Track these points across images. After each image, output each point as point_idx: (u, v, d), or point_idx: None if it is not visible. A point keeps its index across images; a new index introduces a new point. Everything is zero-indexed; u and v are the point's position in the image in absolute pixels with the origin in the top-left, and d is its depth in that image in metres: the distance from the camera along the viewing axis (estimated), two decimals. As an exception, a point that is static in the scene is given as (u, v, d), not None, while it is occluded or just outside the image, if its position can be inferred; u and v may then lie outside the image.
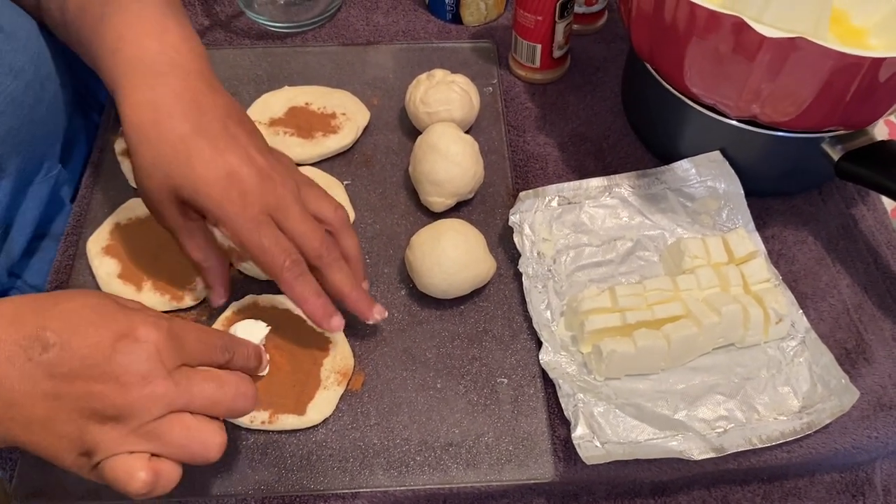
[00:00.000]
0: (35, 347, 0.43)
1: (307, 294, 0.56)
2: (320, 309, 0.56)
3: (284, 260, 0.54)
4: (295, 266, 0.55)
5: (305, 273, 0.56)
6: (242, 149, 0.55)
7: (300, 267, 0.55)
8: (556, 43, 0.77)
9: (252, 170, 0.54)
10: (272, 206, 0.55)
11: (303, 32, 0.85)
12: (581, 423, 0.56)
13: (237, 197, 0.53)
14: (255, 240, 0.54)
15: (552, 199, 0.69)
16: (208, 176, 0.53)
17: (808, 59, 0.55)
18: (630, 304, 0.61)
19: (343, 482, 0.56)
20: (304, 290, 0.56)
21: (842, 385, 0.58)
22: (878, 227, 0.70)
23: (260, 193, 0.54)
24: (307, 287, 0.56)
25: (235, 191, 0.53)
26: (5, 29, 0.63)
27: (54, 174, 0.72)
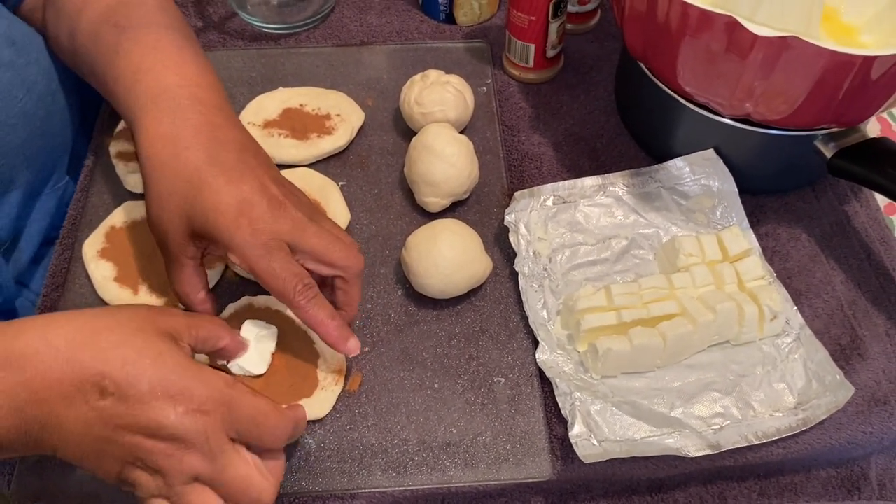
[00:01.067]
0: (93, 393, 0.44)
1: (322, 317, 0.54)
2: (335, 331, 0.55)
3: (296, 284, 0.53)
4: (307, 290, 0.54)
5: (318, 296, 0.55)
6: (256, 178, 0.55)
7: (312, 290, 0.54)
8: (550, 43, 0.77)
9: (264, 197, 0.54)
10: (285, 231, 0.54)
11: (296, 33, 0.85)
12: (578, 421, 0.57)
13: (247, 224, 0.53)
14: (265, 265, 0.53)
15: (547, 199, 0.69)
16: (220, 204, 0.53)
17: (800, 58, 0.55)
18: (625, 302, 0.61)
19: (341, 483, 0.56)
20: (319, 314, 0.54)
21: (836, 381, 0.59)
22: (871, 223, 0.70)
23: (271, 220, 0.53)
24: (321, 310, 0.55)
25: (246, 218, 0.53)
26: (17, 43, 0.63)
27: (62, 185, 0.73)
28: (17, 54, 0.63)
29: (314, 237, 0.54)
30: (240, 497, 0.47)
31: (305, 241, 0.54)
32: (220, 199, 0.53)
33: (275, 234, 0.53)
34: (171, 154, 0.54)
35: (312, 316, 0.54)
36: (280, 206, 0.54)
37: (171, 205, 0.54)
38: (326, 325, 0.55)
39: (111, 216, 0.69)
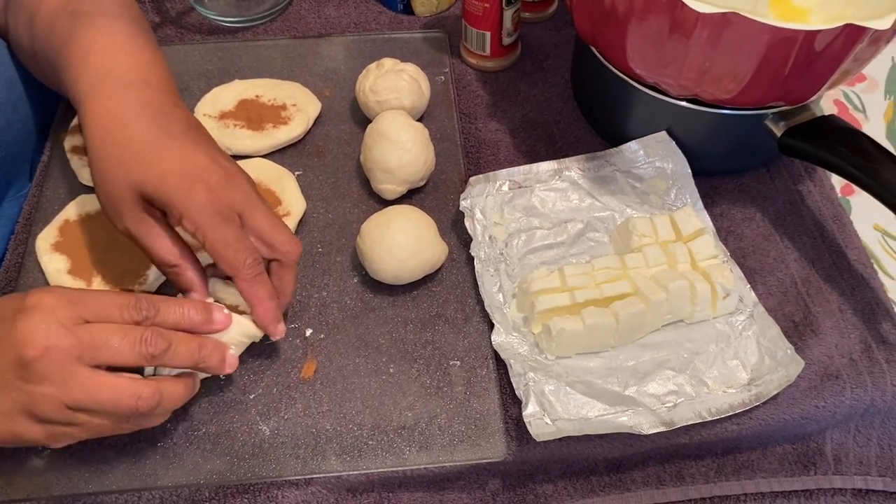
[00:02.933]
0: None
1: (263, 295, 0.55)
2: (272, 312, 0.56)
3: (246, 258, 0.54)
4: (256, 265, 0.54)
5: (263, 274, 0.55)
6: (207, 152, 0.55)
7: (259, 267, 0.55)
8: (505, 30, 0.77)
9: (219, 167, 0.54)
10: (238, 201, 0.54)
11: (254, 26, 0.84)
12: (532, 401, 0.57)
13: (203, 189, 0.53)
14: (219, 234, 0.53)
15: (503, 184, 0.69)
16: (175, 169, 0.53)
17: (743, 35, 0.56)
18: (579, 283, 0.61)
19: (295, 469, 0.56)
20: (261, 292, 0.55)
21: (788, 356, 0.59)
22: (824, 202, 0.71)
23: (226, 188, 0.54)
24: (264, 288, 0.55)
25: (202, 184, 0.53)
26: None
27: (25, 193, 0.73)
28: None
29: (263, 216, 0.55)
30: (130, 351, 0.49)
31: (255, 217, 0.55)
32: (176, 164, 0.53)
33: (229, 204, 0.54)
34: (119, 124, 0.54)
35: (255, 292, 0.55)
36: (233, 177, 0.55)
37: (120, 171, 0.53)
38: (265, 305, 0.55)
39: (65, 210, 0.68)
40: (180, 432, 0.57)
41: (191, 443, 0.57)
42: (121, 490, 0.55)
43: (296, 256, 0.57)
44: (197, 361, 0.52)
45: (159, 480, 0.56)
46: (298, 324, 0.63)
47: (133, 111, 0.55)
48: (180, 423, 0.58)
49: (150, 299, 0.51)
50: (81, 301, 0.49)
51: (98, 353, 0.48)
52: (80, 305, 0.48)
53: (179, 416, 0.58)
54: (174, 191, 0.53)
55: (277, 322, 0.57)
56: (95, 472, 0.56)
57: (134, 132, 0.54)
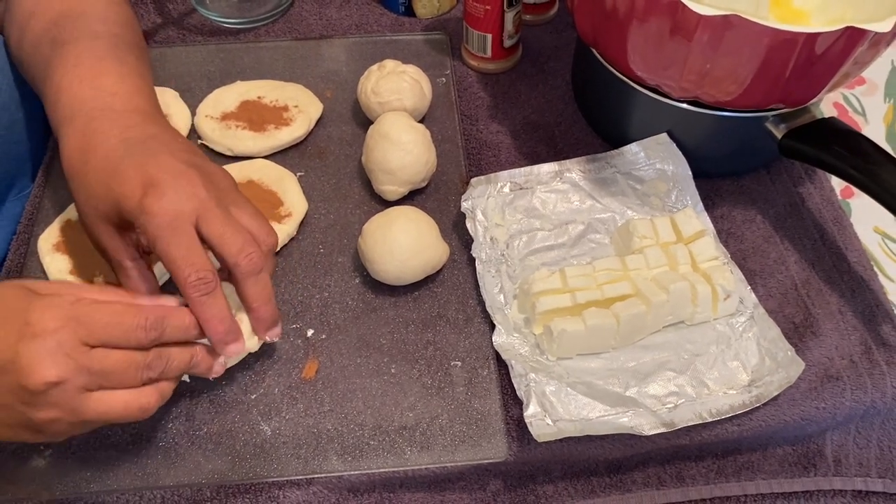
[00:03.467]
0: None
1: (208, 316, 0.52)
2: (220, 333, 0.53)
3: (190, 274, 0.51)
4: (201, 283, 0.51)
5: (214, 292, 0.52)
6: (165, 160, 0.54)
7: (207, 286, 0.51)
8: (507, 32, 0.78)
9: (171, 176, 0.52)
10: (188, 210, 0.52)
11: (256, 28, 0.85)
12: (533, 401, 0.57)
13: (153, 202, 0.51)
14: (164, 247, 0.51)
15: (504, 185, 0.69)
16: (127, 187, 0.52)
17: (744, 37, 0.56)
18: (580, 284, 0.61)
19: (296, 468, 0.56)
20: (207, 312, 0.52)
21: (788, 357, 0.59)
22: (824, 204, 0.71)
23: (176, 198, 0.51)
24: (211, 309, 0.52)
25: (151, 196, 0.51)
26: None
27: (26, 193, 0.73)
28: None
29: (214, 222, 0.52)
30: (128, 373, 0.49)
31: (206, 224, 0.52)
32: (128, 182, 0.52)
33: (178, 214, 0.51)
34: (82, 162, 0.55)
35: (201, 311, 0.52)
36: (188, 184, 0.52)
37: (92, 208, 0.54)
38: (213, 325, 0.52)
39: (67, 210, 0.68)
40: (182, 432, 0.58)
41: (192, 442, 0.57)
42: (122, 490, 0.56)
43: (245, 269, 0.53)
44: (188, 370, 0.53)
45: (161, 480, 0.56)
46: (300, 324, 0.63)
47: (94, 145, 0.55)
48: (182, 423, 0.58)
49: (158, 320, 0.50)
50: (86, 322, 0.47)
51: (103, 381, 0.48)
52: (85, 328, 0.47)
53: (181, 415, 0.58)
54: (130, 210, 0.52)
55: (225, 344, 0.54)
56: (97, 471, 0.56)
57: (96, 165, 0.54)
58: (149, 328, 0.49)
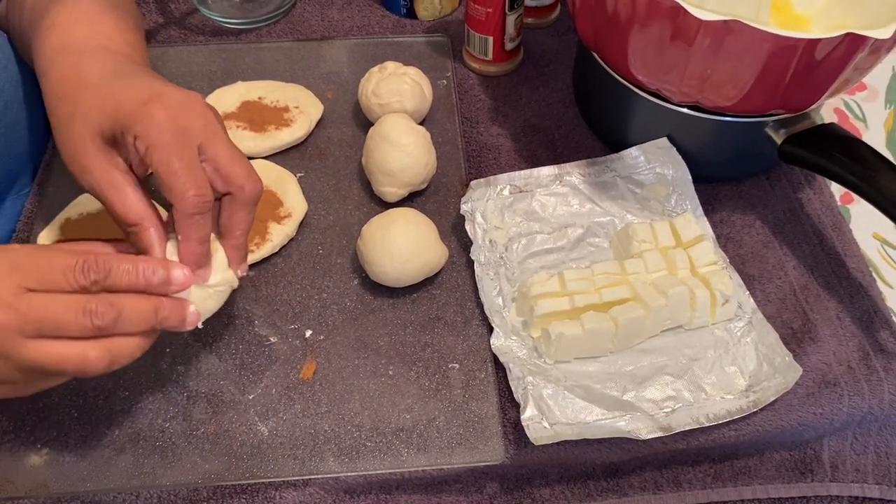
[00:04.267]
0: None
1: (192, 235, 0.50)
2: (193, 254, 0.51)
3: (190, 189, 0.49)
4: (199, 201, 0.50)
5: (206, 215, 0.50)
6: (166, 83, 0.53)
7: (203, 205, 0.50)
8: (508, 35, 0.78)
9: (178, 92, 0.52)
10: (197, 127, 0.51)
11: (257, 28, 0.85)
12: (530, 404, 0.57)
13: (159, 109, 0.50)
14: (164, 158, 0.49)
15: (504, 188, 0.69)
16: (131, 98, 0.50)
17: (744, 42, 0.56)
18: (578, 288, 0.61)
19: (293, 469, 0.56)
20: (195, 232, 0.50)
21: (786, 363, 0.59)
22: (823, 210, 0.71)
23: (184, 112, 0.51)
24: (200, 230, 0.50)
25: (158, 104, 0.50)
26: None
27: (26, 192, 0.73)
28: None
29: (223, 145, 0.51)
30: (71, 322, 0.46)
31: (214, 146, 0.51)
32: (130, 94, 0.51)
33: (186, 129, 0.50)
34: (75, 88, 0.53)
35: (187, 229, 0.50)
36: (194, 102, 0.52)
37: (79, 120, 0.51)
38: (191, 246, 0.50)
39: (67, 209, 0.68)
40: (179, 432, 0.58)
41: (189, 442, 0.57)
42: (119, 489, 0.56)
43: (251, 194, 0.52)
44: (153, 324, 0.49)
45: (158, 479, 0.56)
46: (298, 325, 0.63)
47: (88, 69, 0.53)
48: (179, 423, 0.58)
49: (100, 260, 0.47)
50: (25, 266, 0.46)
51: (40, 326, 0.45)
52: (23, 273, 0.45)
53: (178, 415, 0.58)
54: (129, 114, 0.50)
55: (202, 266, 0.51)
56: (94, 470, 0.56)
57: (88, 83, 0.52)
58: (86, 269, 0.46)
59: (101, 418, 0.58)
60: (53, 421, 0.58)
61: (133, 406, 0.59)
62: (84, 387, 0.60)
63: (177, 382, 0.60)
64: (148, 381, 0.60)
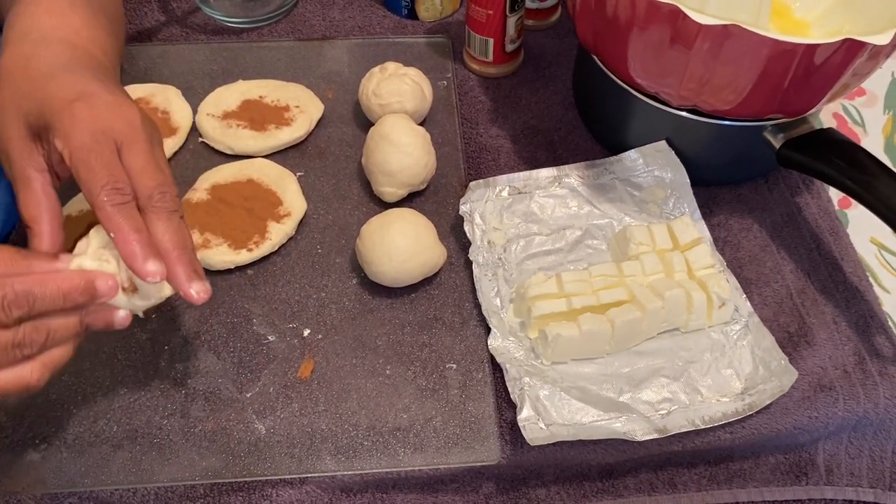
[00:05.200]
0: None
1: (122, 224, 0.47)
2: (132, 244, 0.48)
3: (106, 182, 0.47)
4: (116, 193, 0.48)
5: (129, 206, 0.48)
6: (111, 86, 0.52)
7: (124, 196, 0.48)
8: (509, 37, 0.78)
9: (109, 95, 0.51)
10: (118, 130, 0.49)
11: (259, 28, 0.85)
12: (527, 405, 0.57)
13: (83, 108, 0.49)
14: (84, 155, 0.48)
15: (503, 189, 0.70)
16: (60, 90, 0.50)
17: (743, 47, 0.56)
18: (576, 289, 0.61)
19: (290, 468, 0.56)
20: (121, 221, 0.47)
21: (782, 366, 0.60)
22: (821, 214, 0.71)
23: (108, 115, 0.50)
24: (126, 220, 0.48)
25: (83, 103, 0.49)
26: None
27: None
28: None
29: (140, 154, 0.50)
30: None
31: (131, 152, 0.49)
32: (62, 87, 0.50)
33: (107, 130, 0.49)
34: (22, 66, 0.52)
35: (115, 223, 0.48)
36: (126, 109, 0.51)
37: (13, 106, 0.51)
38: (126, 236, 0.48)
39: (67, 206, 0.68)
40: (177, 429, 0.58)
41: (187, 440, 0.57)
42: (117, 486, 0.56)
43: (163, 203, 0.49)
44: (80, 332, 0.49)
45: (155, 476, 0.56)
46: (296, 324, 0.63)
47: (40, 57, 0.52)
48: (177, 420, 0.58)
49: (22, 295, 0.45)
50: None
51: None
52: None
53: (176, 413, 0.58)
54: (54, 110, 0.49)
55: (146, 259, 0.48)
56: (92, 467, 0.56)
57: (32, 71, 0.52)
58: (8, 307, 0.44)
59: (99, 415, 0.58)
60: (52, 417, 0.58)
61: (131, 403, 0.59)
62: (82, 384, 0.60)
63: (175, 380, 0.60)
64: (146, 378, 0.60)
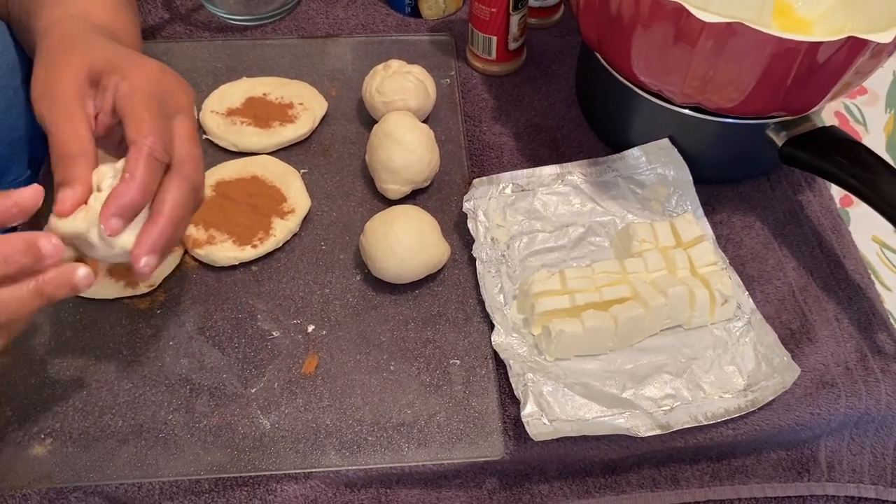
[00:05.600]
0: None
1: (143, 176, 0.49)
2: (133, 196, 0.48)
3: (154, 141, 0.49)
4: (161, 148, 0.50)
5: (161, 167, 0.50)
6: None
7: (164, 156, 0.50)
8: (512, 35, 0.78)
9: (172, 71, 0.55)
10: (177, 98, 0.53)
11: (262, 25, 0.85)
12: (530, 401, 0.57)
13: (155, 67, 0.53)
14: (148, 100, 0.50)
15: (506, 187, 0.70)
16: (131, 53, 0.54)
17: (747, 44, 0.56)
18: (579, 286, 0.62)
19: (295, 462, 0.57)
20: (144, 172, 0.49)
21: (784, 363, 0.60)
22: (823, 212, 0.71)
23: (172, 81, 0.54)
24: (147, 174, 0.49)
25: (155, 64, 0.53)
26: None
27: (23, 180, 0.73)
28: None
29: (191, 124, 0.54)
30: None
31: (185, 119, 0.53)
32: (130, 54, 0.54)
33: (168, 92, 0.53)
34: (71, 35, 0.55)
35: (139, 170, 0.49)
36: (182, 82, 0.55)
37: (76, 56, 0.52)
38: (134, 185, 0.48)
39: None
40: (182, 424, 0.58)
41: (192, 435, 0.58)
42: (122, 481, 0.56)
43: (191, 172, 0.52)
44: (40, 303, 0.47)
45: (160, 471, 0.56)
46: (301, 319, 0.63)
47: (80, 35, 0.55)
48: (182, 415, 0.58)
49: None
50: None
51: None
52: None
53: (181, 408, 0.59)
54: (125, 58, 0.52)
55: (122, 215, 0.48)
56: (97, 461, 0.56)
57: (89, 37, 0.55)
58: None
59: (104, 410, 0.59)
60: (57, 412, 0.58)
61: (136, 398, 0.59)
62: (87, 379, 0.60)
63: (180, 375, 0.60)
64: (151, 373, 0.60)
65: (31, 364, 0.61)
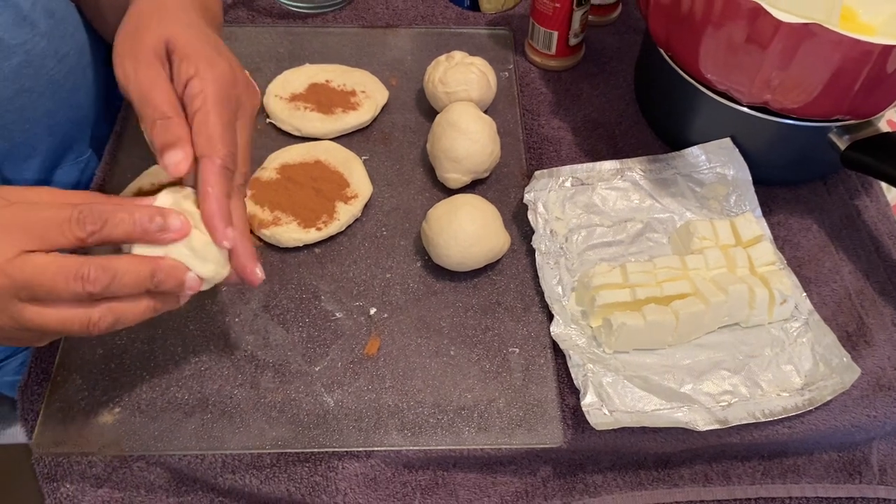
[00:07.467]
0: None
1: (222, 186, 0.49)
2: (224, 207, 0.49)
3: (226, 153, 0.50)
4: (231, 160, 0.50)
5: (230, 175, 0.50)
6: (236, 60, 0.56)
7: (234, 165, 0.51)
8: (573, 30, 0.79)
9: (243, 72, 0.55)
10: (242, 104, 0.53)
11: (323, 13, 0.86)
12: (590, 391, 0.58)
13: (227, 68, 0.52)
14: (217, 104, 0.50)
15: (566, 180, 0.70)
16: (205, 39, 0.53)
17: (821, 46, 0.57)
18: (640, 280, 0.62)
19: (357, 440, 0.58)
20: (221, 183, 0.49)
21: (843, 363, 0.60)
22: (880, 217, 0.72)
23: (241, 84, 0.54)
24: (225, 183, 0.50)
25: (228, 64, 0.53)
26: (56, 15, 0.65)
27: (84, 159, 0.74)
28: (55, 26, 0.65)
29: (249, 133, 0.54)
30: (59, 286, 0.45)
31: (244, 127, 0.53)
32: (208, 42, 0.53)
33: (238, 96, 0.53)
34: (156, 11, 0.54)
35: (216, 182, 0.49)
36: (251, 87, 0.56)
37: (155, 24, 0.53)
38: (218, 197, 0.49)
39: (140, 178, 0.70)
40: (247, 399, 0.59)
41: (257, 409, 0.59)
42: (187, 452, 0.57)
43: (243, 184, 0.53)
44: (149, 287, 0.47)
45: (225, 444, 0.57)
46: (363, 302, 0.64)
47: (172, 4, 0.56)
48: (247, 391, 0.60)
49: (95, 210, 0.45)
50: (20, 226, 0.44)
51: (32, 292, 0.44)
52: (19, 233, 0.44)
53: (246, 383, 0.60)
54: (200, 46, 0.52)
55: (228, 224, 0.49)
56: (164, 431, 0.58)
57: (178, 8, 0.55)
58: (82, 221, 0.44)
59: (171, 382, 0.60)
60: (125, 382, 0.60)
61: (202, 372, 0.60)
62: (155, 351, 0.61)
63: (245, 351, 0.61)
64: (217, 348, 0.61)
65: (100, 335, 0.62)
